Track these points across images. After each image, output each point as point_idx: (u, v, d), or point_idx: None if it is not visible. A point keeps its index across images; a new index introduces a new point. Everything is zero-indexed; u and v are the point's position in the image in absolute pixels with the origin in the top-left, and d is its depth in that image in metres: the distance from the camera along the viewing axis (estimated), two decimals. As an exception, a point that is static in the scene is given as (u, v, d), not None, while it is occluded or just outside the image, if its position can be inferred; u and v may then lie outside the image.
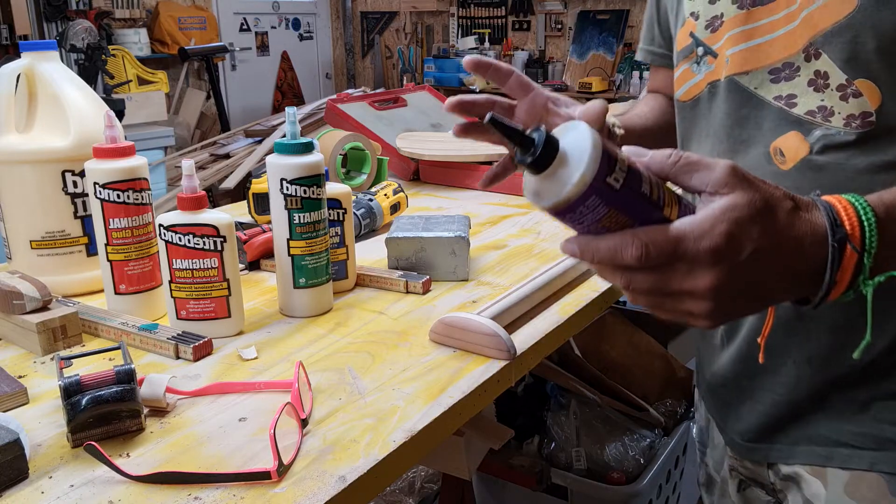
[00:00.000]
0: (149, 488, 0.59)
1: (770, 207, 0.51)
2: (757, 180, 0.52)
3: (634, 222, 0.50)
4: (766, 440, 0.81)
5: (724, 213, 0.50)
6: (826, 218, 0.52)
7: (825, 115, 0.70)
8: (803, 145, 0.71)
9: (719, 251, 0.49)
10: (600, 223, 0.50)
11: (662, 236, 0.49)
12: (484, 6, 6.41)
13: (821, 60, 0.69)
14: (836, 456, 0.74)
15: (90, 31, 4.36)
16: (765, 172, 0.72)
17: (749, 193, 0.50)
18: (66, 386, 0.65)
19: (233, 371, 0.79)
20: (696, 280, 0.50)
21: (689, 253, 0.49)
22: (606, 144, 0.49)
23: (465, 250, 1.04)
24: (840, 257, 0.52)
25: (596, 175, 0.47)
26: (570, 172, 0.48)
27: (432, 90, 2.06)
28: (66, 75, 1.01)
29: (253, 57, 6.47)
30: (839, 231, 0.52)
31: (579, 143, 0.48)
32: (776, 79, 0.73)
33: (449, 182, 1.64)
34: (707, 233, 0.49)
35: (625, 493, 1.48)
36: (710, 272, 0.50)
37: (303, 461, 0.63)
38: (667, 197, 0.51)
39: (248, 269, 1.11)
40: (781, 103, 0.73)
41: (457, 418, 0.73)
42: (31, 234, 0.99)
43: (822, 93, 0.69)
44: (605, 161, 0.48)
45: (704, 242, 0.49)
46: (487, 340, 0.81)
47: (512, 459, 1.52)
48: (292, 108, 0.89)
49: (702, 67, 0.80)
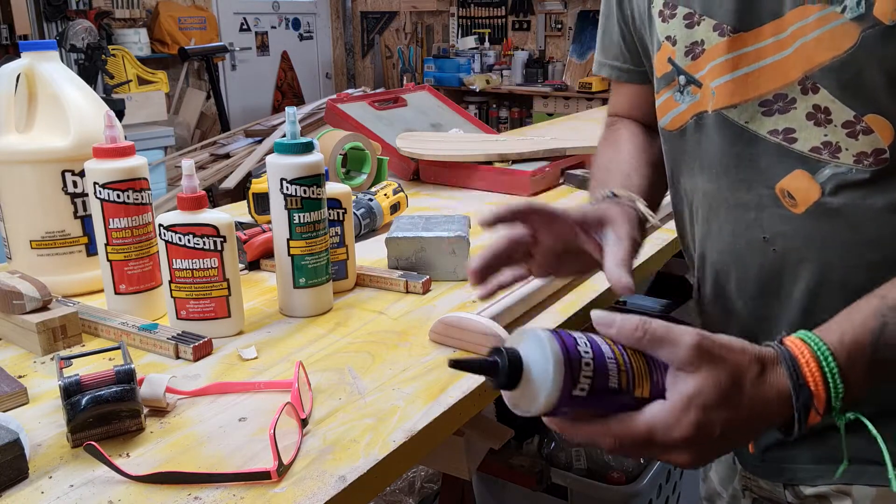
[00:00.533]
0: (149, 488, 0.59)
1: (736, 383, 0.53)
2: (723, 351, 0.54)
3: (608, 412, 0.53)
4: (787, 460, 0.78)
5: (690, 400, 0.52)
6: (789, 379, 0.54)
7: (832, 152, 0.65)
8: (813, 186, 0.66)
9: (690, 439, 0.52)
10: (577, 413, 0.54)
11: (634, 430, 0.53)
12: (484, 6, 6.41)
13: (819, 95, 0.64)
14: (865, 473, 0.72)
15: (90, 31, 4.35)
16: (774, 216, 0.69)
17: (714, 373, 0.53)
18: (66, 386, 0.65)
19: (233, 371, 0.79)
20: (671, 456, 0.55)
21: (661, 441, 0.53)
22: (567, 348, 0.51)
23: (465, 250, 1.04)
24: (806, 414, 0.55)
25: (561, 394, 0.50)
26: (537, 392, 0.51)
27: (432, 90, 2.06)
28: (66, 75, 1.01)
29: (253, 57, 6.47)
30: (803, 393, 0.54)
31: (541, 362, 0.51)
32: (768, 111, 0.68)
33: (449, 182, 1.64)
34: (676, 424, 0.52)
35: (625, 493, 1.48)
36: (685, 452, 0.54)
37: (303, 461, 0.63)
38: (636, 375, 0.53)
39: (248, 269, 1.11)
40: (779, 138, 0.68)
41: (457, 418, 0.73)
42: (31, 234, 0.99)
43: (825, 128, 0.65)
44: (569, 376, 0.50)
45: (675, 433, 0.52)
46: (487, 340, 0.81)
47: (512, 459, 1.52)
48: (292, 108, 0.89)
49: (685, 97, 0.75)
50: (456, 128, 1.88)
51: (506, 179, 1.56)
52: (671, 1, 0.74)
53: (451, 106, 2.02)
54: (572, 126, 2.46)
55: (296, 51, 6.82)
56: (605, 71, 0.93)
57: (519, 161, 1.62)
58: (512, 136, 2.07)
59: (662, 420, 0.52)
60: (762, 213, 0.70)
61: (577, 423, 0.54)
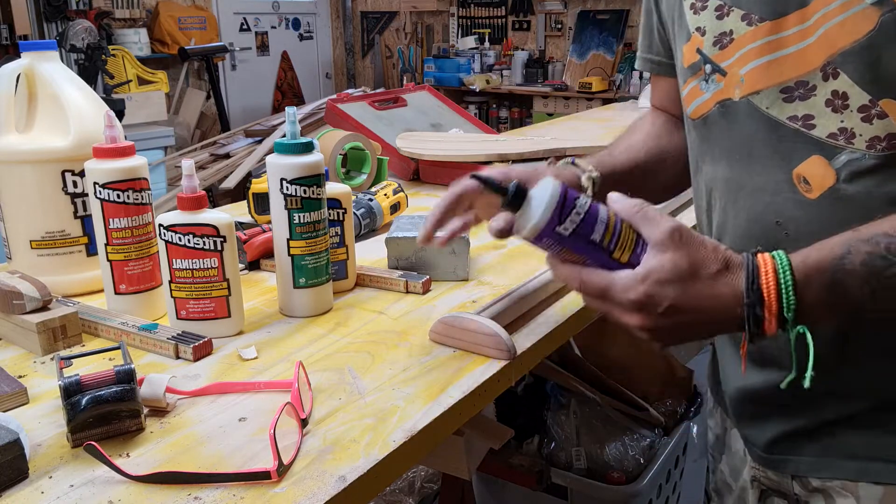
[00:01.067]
0: (149, 488, 0.59)
1: (694, 271, 0.61)
2: (695, 242, 0.62)
3: (585, 259, 0.64)
4: (794, 452, 0.79)
5: (648, 272, 0.62)
6: (745, 280, 0.61)
7: (847, 138, 0.67)
8: (829, 172, 0.68)
9: (639, 303, 0.62)
10: (558, 254, 0.66)
11: (597, 280, 0.64)
12: (484, 6, 6.41)
13: (839, 80, 0.66)
14: (870, 471, 0.73)
15: (90, 31, 4.35)
16: (788, 201, 0.71)
17: (676, 256, 0.61)
18: (66, 386, 0.65)
19: (233, 371, 0.79)
20: (625, 317, 0.64)
21: (616, 299, 0.63)
22: (566, 196, 0.63)
23: (465, 250, 1.04)
24: (755, 315, 0.61)
25: (546, 224, 0.63)
26: (530, 217, 0.63)
27: (432, 90, 2.06)
28: (66, 75, 1.01)
29: (253, 57, 6.47)
30: (754, 294, 0.60)
31: (541, 197, 0.63)
32: (789, 98, 0.70)
33: (449, 182, 1.62)
34: (630, 288, 0.62)
35: (625, 493, 1.48)
36: (635, 316, 0.63)
37: (303, 461, 0.63)
38: (622, 241, 0.64)
39: (248, 269, 1.11)
40: (798, 124, 0.69)
41: (457, 418, 0.73)
42: (31, 234, 0.99)
43: (841, 114, 0.67)
44: (557, 213, 0.62)
45: (627, 295, 0.62)
46: (487, 340, 0.81)
47: (512, 459, 1.52)
48: (292, 108, 0.89)
49: (710, 85, 0.77)
50: (456, 128, 1.88)
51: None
52: None
53: (451, 106, 2.02)
54: (572, 126, 2.46)
55: (296, 51, 6.82)
56: (642, 65, 0.97)
57: (519, 161, 1.62)
58: (512, 136, 2.07)
59: (620, 281, 0.62)
60: (777, 198, 0.72)
61: (559, 262, 0.66)
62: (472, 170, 1.61)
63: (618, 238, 0.63)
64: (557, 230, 0.63)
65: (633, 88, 5.17)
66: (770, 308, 0.60)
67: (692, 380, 1.76)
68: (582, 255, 0.64)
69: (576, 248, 0.64)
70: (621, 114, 2.74)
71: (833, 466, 0.76)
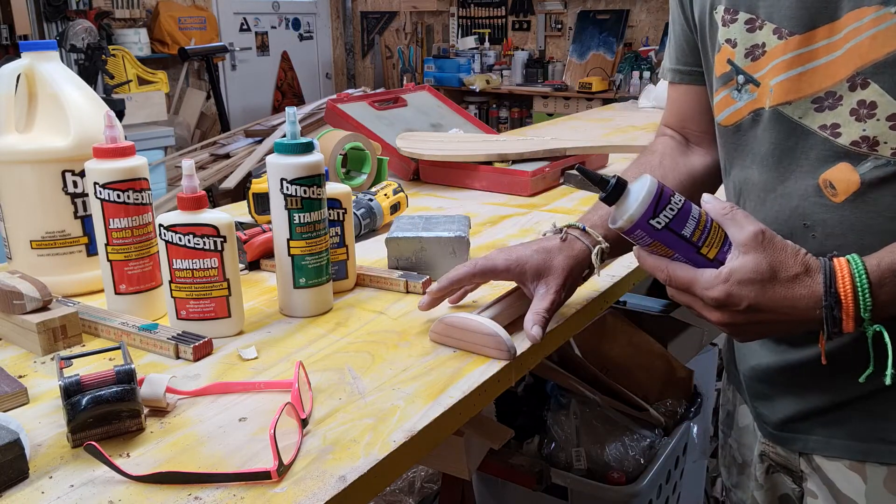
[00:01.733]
0: (149, 488, 0.59)
1: (773, 273, 0.66)
2: (777, 246, 0.67)
3: (674, 253, 0.70)
4: (804, 431, 0.83)
5: (731, 272, 0.66)
6: (823, 285, 0.65)
7: (870, 146, 0.70)
8: (854, 176, 0.72)
9: (720, 301, 0.67)
10: (649, 246, 0.71)
11: (682, 276, 0.69)
12: (484, 6, 6.41)
13: (868, 90, 0.69)
14: (876, 452, 0.77)
15: (90, 31, 4.36)
16: (815, 204, 0.75)
17: (759, 258, 0.66)
18: (67, 386, 0.65)
19: (233, 371, 0.79)
20: (706, 312, 0.70)
21: (698, 295, 0.69)
22: (663, 192, 0.68)
23: (465, 250, 1.04)
24: (833, 317, 0.65)
25: (641, 217, 0.68)
26: (626, 210, 0.69)
27: (432, 90, 2.06)
28: (66, 75, 1.01)
29: (253, 57, 6.47)
30: (831, 297, 0.65)
31: (638, 192, 0.68)
32: (820, 108, 0.73)
33: (449, 182, 1.64)
34: (712, 286, 0.67)
35: (625, 493, 1.48)
36: (715, 313, 0.68)
37: (303, 461, 0.63)
38: (710, 239, 0.69)
39: (248, 269, 1.11)
40: (827, 133, 0.73)
41: (457, 418, 0.73)
42: (31, 234, 0.99)
43: (864, 122, 0.70)
44: (653, 207, 0.68)
45: (710, 293, 0.67)
46: (487, 340, 0.81)
47: (512, 459, 1.52)
48: (292, 108, 0.89)
49: (743, 95, 0.80)
50: (456, 128, 1.88)
51: (506, 179, 1.56)
52: (732, 7, 0.79)
53: (451, 106, 2.02)
54: (572, 126, 2.46)
55: (296, 51, 6.82)
56: (672, 76, 0.98)
57: (519, 161, 1.62)
58: (512, 136, 2.07)
59: (704, 278, 0.67)
60: (805, 202, 0.76)
61: (648, 254, 0.72)
62: (472, 170, 1.62)
63: (707, 236, 0.68)
64: (651, 222, 0.68)
65: (632, 88, 5.17)
66: (847, 311, 0.64)
67: (692, 380, 1.75)
68: (672, 248, 0.69)
69: (666, 242, 0.69)
70: (621, 114, 2.74)
71: (841, 446, 0.79)
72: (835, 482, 0.81)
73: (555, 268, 0.85)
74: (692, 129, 0.99)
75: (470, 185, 1.61)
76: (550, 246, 0.87)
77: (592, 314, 1.00)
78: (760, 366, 0.87)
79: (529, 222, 1.34)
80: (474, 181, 1.60)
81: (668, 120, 1.03)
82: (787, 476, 0.89)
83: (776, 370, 0.84)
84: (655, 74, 4.91)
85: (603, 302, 1.01)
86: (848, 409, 0.78)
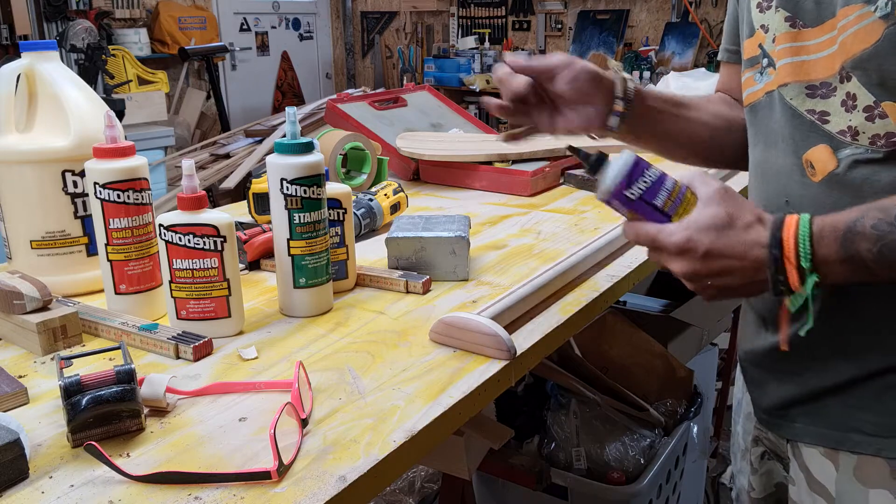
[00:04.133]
0: (149, 488, 0.59)
1: (730, 221, 0.71)
2: (737, 200, 0.72)
3: (647, 220, 0.75)
4: (787, 418, 0.86)
5: (690, 222, 0.72)
6: (769, 230, 0.69)
7: (852, 135, 0.74)
8: (832, 160, 0.76)
9: (680, 247, 0.71)
10: (627, 215, 0.77)
11: (648, 230, 0.74)
12: (484, 6, 6.41)
13: (851, 83, 0.73)
14: (848, 441, 0.80)
15: (90, 31, 4.35)
16: (796, 182, 0.79)
17: (717, 209, 0.71)
18: (67, 386, 0.65)
19: (233, 371, 0.79)
20: (670, 263, 0.74)
21: (661, 244, 0.73)
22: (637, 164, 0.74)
23: (465, 250, 1.04)
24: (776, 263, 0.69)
25: (616, 187, 0.74)
26: (603, 182, 0.75)
27: (432, 90, 2.06)
28: (66, 75, 1.01)
29: (253, 57, 6.47)
30: (775, 240, 0.69)
31: (616, 164, 0.75)
32: (812, 94, 0.77)
33: (449, 182, 1.64)
34: (673, 234, 0.72)
35: (625, 493, 1.48)
36: (677, 261, 0.73)
37: (303, 461, 0.63)
38: (681, 208, 0.74)
39: (248, 269, 1.11)
40: (814, 117, 0.77)
41: (457, 418, 0.73)
42: (32, 234, 0.99)
43: (851, 113, 0.74)
44: (627, 178, 0.74)
45: (672, 238, 0.72)
46: (487, 340, 0.81)
47: (512, 459, 1.52)
48: (292, 108, 0.89)
49: (763, 77, 0.84)
50: (456, 128, 1.88)
51: (506, 179, 1.56)
52: None
53: (451, 106, 2.02)
54: (572, 126, 2.46)
55: (296, 51, 6.81)
56: (722, 55, 1.02)
57: (519, 161, 1.62)
58: (512, 136, 2.07)
59: (667, 228, 0.72)
60: (788, 180, 0.81)
61: (627, 223, 0.76)
62: (472, 170, 1.62)
63: (679, 205, 0.74)
64: (625, 193, 0.74)
65: (633, 88, 5.15)
66: (789, 257, 0.68)
67: (692, 380, 1.75)
68: (646, 217, 0.75)
69: (640, 211, 0.74)
70: (621, 114, 2.73)
71: (819, 434, 0.83)
72: (810, 468, 0.84)
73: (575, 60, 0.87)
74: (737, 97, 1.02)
75: (470, 184, 1.61)
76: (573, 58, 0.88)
77: (592, 314, 1.00)
78: (754, 349, 0.90)
79: (529, 222, 1.34)
80: (474, 181, 1.60)
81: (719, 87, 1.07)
82: (778, 463, 0.93)
83: (764, 353, 0.88)
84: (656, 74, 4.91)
85: (603, 302, 1.01)
86: (826, 399, 0.81)
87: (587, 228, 1.30)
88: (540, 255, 1.16)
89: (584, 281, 1.04)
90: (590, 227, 1.31)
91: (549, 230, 1.29)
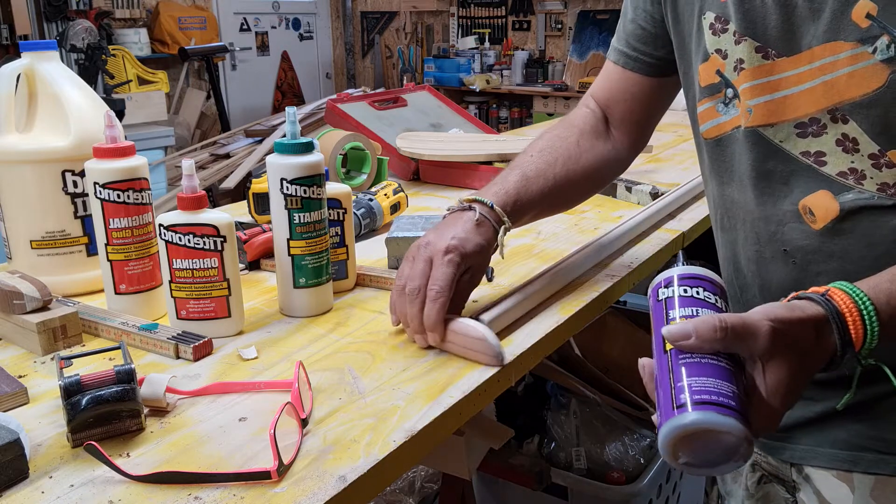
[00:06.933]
0: (149, 488, 0.59)
1: (804, 362, 0.58)
2: (790, 332, 0.58)
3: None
4: (791, 440, 0.82)
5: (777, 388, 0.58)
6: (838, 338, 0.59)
7: (857, 178, 0.70)
8: (833, 205, 0.72)
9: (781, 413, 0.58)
10: None
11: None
12: (484, 6, 6.41)
13: (849, 126, 0.69)
14: (862, 461, 0.76)
15: (90, 31, 4.35)
16: (794, 230, 0.74)
17: (790, 360, 0.57)
18: (67, 386, 0.65)
19: (233, 371, 0.79)
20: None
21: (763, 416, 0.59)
22: None
23: (465, 250, 1.04)
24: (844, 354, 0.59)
25: None
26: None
27: (432, 90, 2.06)
28: (66, 75, 1.01)
29: (253, 57, 6.47)
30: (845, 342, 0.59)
31: None
32: (803, 133, 0.72)
33: (449, 182, 1.64)
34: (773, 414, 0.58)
35: (625, 493, 1.48)
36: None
37: (303, 461, 0.63)
38: None
39: (248, 269, 1.11)
40: (810, 160, 0.72)
41: (457, 418, 0.73)
42: (31, 234, 0.99)
43: (852, 155, 0.69)
44: None
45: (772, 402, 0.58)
46: (477, 345, 0.79)
47: (512, 459, 1.52)
48: (292, 107, 0.89)
49: (729, 109, 0.79)
50: (456, 128, 1.88)
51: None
52: (723, 16, 0.77)
53: (451, 106, 2.02)
54: (572, 126, 2.46)
55: (296, 51, 6.82)
56: (613, 55, 0.98)
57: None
58: (512, 136, 2.07)
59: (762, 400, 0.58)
60: (783, 227, 0.76)
61: None
62: (472, 170, 1.62)
63: None
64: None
65: (633, 88, 5.16)
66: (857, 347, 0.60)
67: (692, 380, 1.75)
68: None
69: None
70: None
71: (828, 455, 0.78)
72: (822, 491, 0.80)
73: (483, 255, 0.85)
74: (617, 112, 0.99)
75: (470, 185, 1.61)
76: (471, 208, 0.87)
77: (592, 314, 0.99)
78: None
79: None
80: (474, 181, 1.60)
81: (597, 95, 1.03)
82: (779, 486, 0.88)
83: None
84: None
85: (603, 302, 1.01)
86: (834, 419, 0.77)
87: (587, 228, 1.30)
88: (540, 255, 1.16)
89: (584, 281, 1.04)
90: (590, 227, 1.31)
91: (549, 230, 1.29)
